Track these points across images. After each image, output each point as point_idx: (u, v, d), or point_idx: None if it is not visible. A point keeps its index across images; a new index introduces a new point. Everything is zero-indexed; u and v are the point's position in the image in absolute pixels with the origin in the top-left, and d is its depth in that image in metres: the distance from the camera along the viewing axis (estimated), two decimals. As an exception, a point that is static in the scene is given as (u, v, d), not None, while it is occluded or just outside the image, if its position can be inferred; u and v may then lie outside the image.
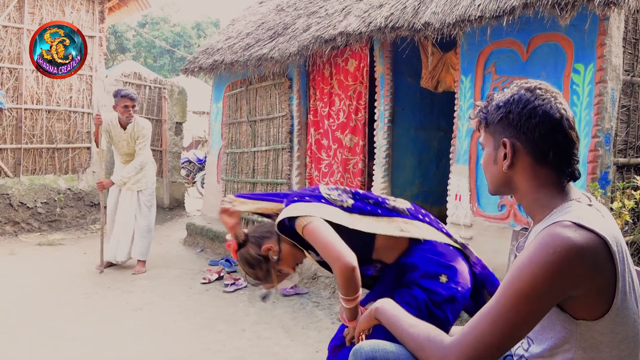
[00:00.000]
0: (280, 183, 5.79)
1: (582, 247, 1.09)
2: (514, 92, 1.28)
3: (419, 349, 1.26)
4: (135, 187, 5.29)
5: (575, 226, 1.12)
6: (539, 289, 1.10)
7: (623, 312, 1.16)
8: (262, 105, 6.17)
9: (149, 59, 30.30)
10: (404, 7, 4.12)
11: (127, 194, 5.28)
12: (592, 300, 1.14)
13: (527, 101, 1.25)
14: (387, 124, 4.80)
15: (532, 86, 1.27)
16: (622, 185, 3.31)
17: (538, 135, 1.23)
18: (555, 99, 1.25)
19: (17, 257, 5.86)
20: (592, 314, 1.15)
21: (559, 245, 1.09)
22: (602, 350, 1.17)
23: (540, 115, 1.22)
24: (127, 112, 5.12)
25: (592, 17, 3.20)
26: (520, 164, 1.28)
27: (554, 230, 1.13)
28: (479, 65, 3.96)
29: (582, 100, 3.36)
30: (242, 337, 3.57)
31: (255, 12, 7.20)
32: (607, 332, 1.16)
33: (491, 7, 3.40)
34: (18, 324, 3.70)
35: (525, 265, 1.12)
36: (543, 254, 1.10)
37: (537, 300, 1.10)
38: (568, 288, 1.11)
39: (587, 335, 1.16)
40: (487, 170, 1.38)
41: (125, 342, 3.45)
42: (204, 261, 5.81)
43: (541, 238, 1.13)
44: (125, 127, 5.19)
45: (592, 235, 1.11)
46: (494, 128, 1.32)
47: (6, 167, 7.15)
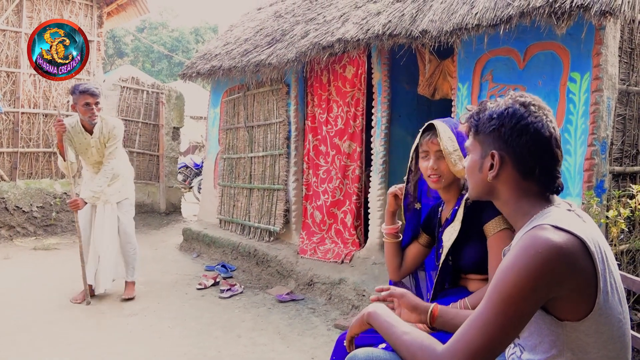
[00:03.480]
0: (277, 189, 5.79)
1: (561, 247, 1.13)
2: (509, 105, 1.30)
3: (411, 356, 1.27)
4: (114, 198, 4.46)
5: (554, 228, 1.17)
6: (524, 290, 1.13)
7: (606, 312, 1.19)
8: (259, 111, 6.18)
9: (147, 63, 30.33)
10: (401, 14, 4.14)
11: (105, 208, 4.41)
12: (575, 300, 1.17)
13: (520, 117, 1.27)
14: (385, 130, 4.81)
15: (527, 101, 1.30)
16: (617, 193, 3.32)
17: (527, 151, 1.27)
18: (546, 117, 1.29)
19: (12, 261, 5.83)
20: (576, 315, 1.18)
21: (539, 246, 1.14)
22: (589, 352, 1.20)
23: (531, 133, 1.26)
24: (89, 111, 4.16)
25: (588, 27, 3.22)
26: (504, 175, 1.32)
27: (534, 233, 1.17)
28: (475, 73, 3.98)
29: (578, 109, 3.38)
30: (238, 343, 3.56)
31: (253, 18, 7.22)
32: (591, 332, 1.19)
33: (488, 16, 3.42)
34: (13, 328, 3.68)
35: (508, 268, 1.16)
36: (525, 255, 1.14)
37: (522, 301, 1.14)
38: (552, 287, 1.14)
39: (573, 336, 1.20)
40: (471, 176, 1.41)
41: (121, 347, 3.43)
42: (200, 266, 5.79)
43: (522, 242, 1.18)
44: (91, 131, 4.29)
45: (569, 236, 1.15)
46: (484, 137, 1.35)
47: (2, 170, 7.13)
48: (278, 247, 5.52)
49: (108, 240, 4.41)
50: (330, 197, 5.28)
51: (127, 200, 4.58)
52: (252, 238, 6.02)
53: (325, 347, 3.51)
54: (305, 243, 5.35)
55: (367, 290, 4.16)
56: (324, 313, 4.23)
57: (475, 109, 1.40)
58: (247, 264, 5.59)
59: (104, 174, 4.31)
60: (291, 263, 5.06)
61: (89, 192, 4.27)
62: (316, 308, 4.34)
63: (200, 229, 6.68)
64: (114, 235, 4.46)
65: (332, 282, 4.51)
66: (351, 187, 5.10)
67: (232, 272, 5.49)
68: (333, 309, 4.32)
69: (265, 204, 5.96)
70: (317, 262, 4.98)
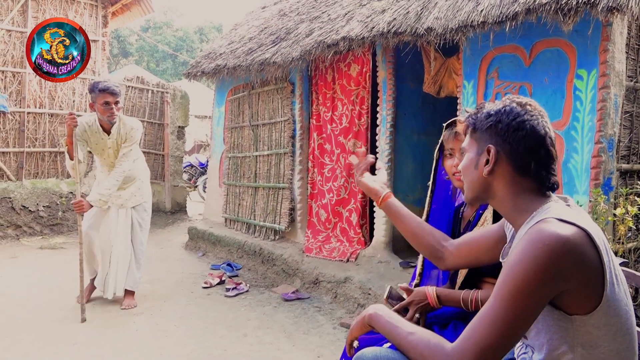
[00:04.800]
0: (282, 187, 5.79)
1: (568, 239, 1.13)
2: (506, 104, 1.34)
3: (419, 356, 1.26)
4: (130, 202, 4.25)
5: (559, 221, 1.17)
6: (533, 284, 1.13)
7: (614, 304, 1.19)
8: (264, 109, 6.18)
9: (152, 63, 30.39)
10: (406, 12, 4.13)
11: (119, 212, 4.22)
12: (584, 293, 1.17)
13: (517, 114, 1.30)
14: (390, 129, 4.80)
15: (524, 102, 1.33)
16: (625, 191, 3.30)
17: (522, 147, 1.29)
18: (542, 117, 1.32)
19: (19, 260, 5.86)
20: (585, 308, 1.18)
21: (547, 239, 1.13)
22: (600, 346, 1.20)
23: (527, 129, 1.29)
24: (108, 110, 3.97)
25: (595, 23, 3.20)
26: (500, 171, 1.33)
27: (540, 226, 1.17)
28: (481, 71, 3.96)
29: (585, 106, 3.35)
30: (243, 342, 3.56)
31: (257, 16, 7.21)
32: (601, 325, 1.18)
33: (494, 13, 3.40)
34: (19, 327, 3.69)
35: (516, 263, 1.15)
36: (533, 249, 1.14)
37: (532, 295, 1.13)
38: (560, 281, 1.14)
39: (583, 330, 1.19)
40: (467, 175, 1.42)
41: (127, 346, 3.44)
42: (205, 265, 5.80)
43: (528, 236, 1.18)
44: (109, 132, 4.11)
45: (575, 228, 1.16)
46: (481, 134, 1.36)
47: (9, 170, 7.17)
48: (283, 246, 5.52)
49: (122, 246, 4.21)
50: (335, 195, 5.28)
51: (142, 205, 4.34)
52: (257, 237, 6.02)
53: (331, 346, 3.51)
54: (311, 242, 5.35)
55: (372, 289, 4.15)
56: (330, 312, 4.23)
57: (473, 110, 1.43)
58: (253, 263, 5.59)
59: (115, 177, 4.07)
60: (296, 262, 5.06)
61: (97, 195, 4.00)
62: (322, 307, 4.34)
63: (205, 227, 6.68)
64: (129, 241, 4.26)
65: (338, 281, 4.51)
66: (356, 186, 5.09)
67: (237, 270, 5.50)
68: (339, 307, 4.31)
69: (271, 202, 5.96)
70: (323, 260, 4.98)
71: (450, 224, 2.13)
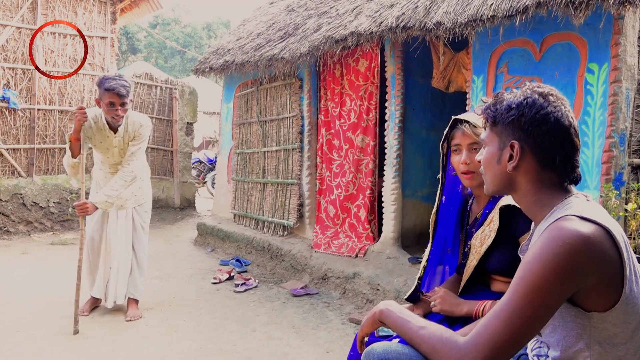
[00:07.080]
0: (291, 183, 5.79)
1: (589, 238, 1.11)
2: (527, 95, 1.29)
3: (432, 350, 1.24)
4: (130, 203, 3.94)
5: (579, 219, 1.15)
6: (551, 282, 1.11)
7: (633, 301, 1.17)
8: (272, 105, 6.18)
9: (160, 59, 30.49)
10: (415, 6, 4.10)
11: (119, 214, 3.91)
12: (603, 290, 1.15)
13: (540, 107, 1.26)
14: (398, 124, 4.78)
15: (545, 92, 1.28)
16: (636, 186, 3.27)
17: (547, 141, 1.26)
18: (564, 106, 1.28)
19: (31, 256, 5.92)
20: (603, 305, 1.16)
21: (567, 236, 1.11)
22: (617, 343, 1.18)
23: (552, 122, 1.25)
24: (113, 112, 3.65)
25: (606, 16, 3.16)
26: (524, 166, 1.30)
27: (560, 224, 1.15)
28: (491, 65, 3.93)
29: (596, 101, 3.32)
30: (252, 338, 3.58)
31: (265, 12, 7.21)
32: (619, 322, 1.17)
33: (504, 7, 3.37)
34: (31, 321, 3.73)
35: (535, 260, 1.14)
36: (552, 247, 1.12)
37: (549, 292, 1.12)
38: (579, 279, 1.12)
39: (600, 327, 1.17)
40: (489, 169, 1.39)
41: (137, 341, 3.47)
42: (214, 261, 5.83)
43: (548, 232, 1.16)
44: (115, 129, 3.80)
45: (596, 226, 1.14)
46: (502, 128, 1.32)
47: (19, 167, 7.23)
48: (292, 242, 5.52)
49: (123, 250, 3.91)
50: (343, 191, 5.27)
51: (143, 205, 4.04)
52: (266, 232, 6.04)
53: (339, 341, 3.51)
54: (319, 237, 5.35)
55: (381, 285, 4.15)
56: (338, 307, 4.23)
57: (491, 100, 1.37)
58: (262, 258, 5.61)
59: (123, 177, 3.77)
60: (305, 257, 5.07)
61: (102, 197, 3.71)
62: (330, 302, 4.34)
63: (214, 223, 6.71)
64: (130, 245, 3.96)
65: (346, 276, 4.51)
66: (365, 181, 5.08)
67: (246, 266, 5.52)
68: (347, 303, 4.31)
69: (279, 198, 5.97)
70: (331, 256, 4.98)
71: (458, 216, 2.12)
